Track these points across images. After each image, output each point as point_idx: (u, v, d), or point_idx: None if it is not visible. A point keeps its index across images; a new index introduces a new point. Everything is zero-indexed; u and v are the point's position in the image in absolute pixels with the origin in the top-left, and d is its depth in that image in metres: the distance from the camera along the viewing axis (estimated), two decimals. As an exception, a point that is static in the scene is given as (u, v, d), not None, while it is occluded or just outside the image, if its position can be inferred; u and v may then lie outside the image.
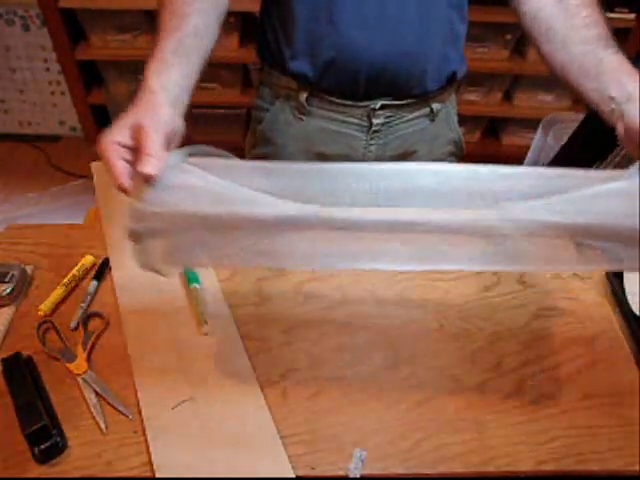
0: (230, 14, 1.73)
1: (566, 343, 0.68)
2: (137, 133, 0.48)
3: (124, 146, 0.49)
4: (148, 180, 0.46)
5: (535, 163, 1.70)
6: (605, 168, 1.10)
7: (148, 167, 0.46)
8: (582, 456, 0.58)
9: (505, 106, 1.90)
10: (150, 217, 0.47)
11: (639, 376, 0.65)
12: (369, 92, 0.77)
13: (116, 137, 0.49)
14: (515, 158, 1.81)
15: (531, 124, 1.85)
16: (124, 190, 0.47)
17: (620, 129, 0.54)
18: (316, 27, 0.72)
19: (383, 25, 0.71)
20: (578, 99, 0.61)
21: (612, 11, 1.63)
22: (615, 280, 0.74)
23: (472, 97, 1.87)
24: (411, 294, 0.73)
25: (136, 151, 0.48)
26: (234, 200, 0.47)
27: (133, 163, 0.48)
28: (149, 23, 1.69)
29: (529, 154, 1.73)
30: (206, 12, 0.61)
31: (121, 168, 0.47)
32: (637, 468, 0.57)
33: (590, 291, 0.75)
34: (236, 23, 1.62)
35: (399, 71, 0.74)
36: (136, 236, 0.48)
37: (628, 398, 0.63)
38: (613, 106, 0.55)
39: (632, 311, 0.70)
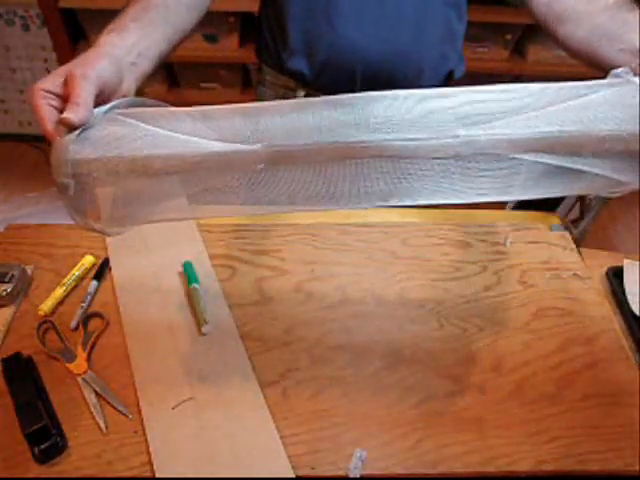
0: (230, 14, 1.73)
1: (566, 343, 0.68)
2: (68, 82, 0.47)
3: (54, 94, 0.47)
4: (71, 127, 0.45)
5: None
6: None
7: (72, 114, 0.44)
8: (582, 456, 0.58)
9: (505, 106, 1.89)
10: (76, 166, 0.45)
11: (639, 376, 0.65)
12: (365, 91, 0.77)
13: (46, 84, 0.47)
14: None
15: (531, 124, 1.85)
16: (47, 135, 0.46)
17: None
18: (313, 26, 0.72)
19: (380, 24, 0.71)
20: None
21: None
22: (615, 280, 0.75)
23: (472, 97, 1.87)
24: (411, 294, 0.73)
25: (65, 100, 0.46)
26: (167, 146, 0.44)
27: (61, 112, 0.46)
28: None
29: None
30: None
31: (46, 113, 0.46)
32: (637, 468, 0.57)
33: (590, 291, 0.75)
34: (236, 23, 1.62)
35: (395, 70, 0.74)
36: (63, 189, 0.45)
37: (628, 398, 0.63)
38: None
39: (632, 311, 0.71)
